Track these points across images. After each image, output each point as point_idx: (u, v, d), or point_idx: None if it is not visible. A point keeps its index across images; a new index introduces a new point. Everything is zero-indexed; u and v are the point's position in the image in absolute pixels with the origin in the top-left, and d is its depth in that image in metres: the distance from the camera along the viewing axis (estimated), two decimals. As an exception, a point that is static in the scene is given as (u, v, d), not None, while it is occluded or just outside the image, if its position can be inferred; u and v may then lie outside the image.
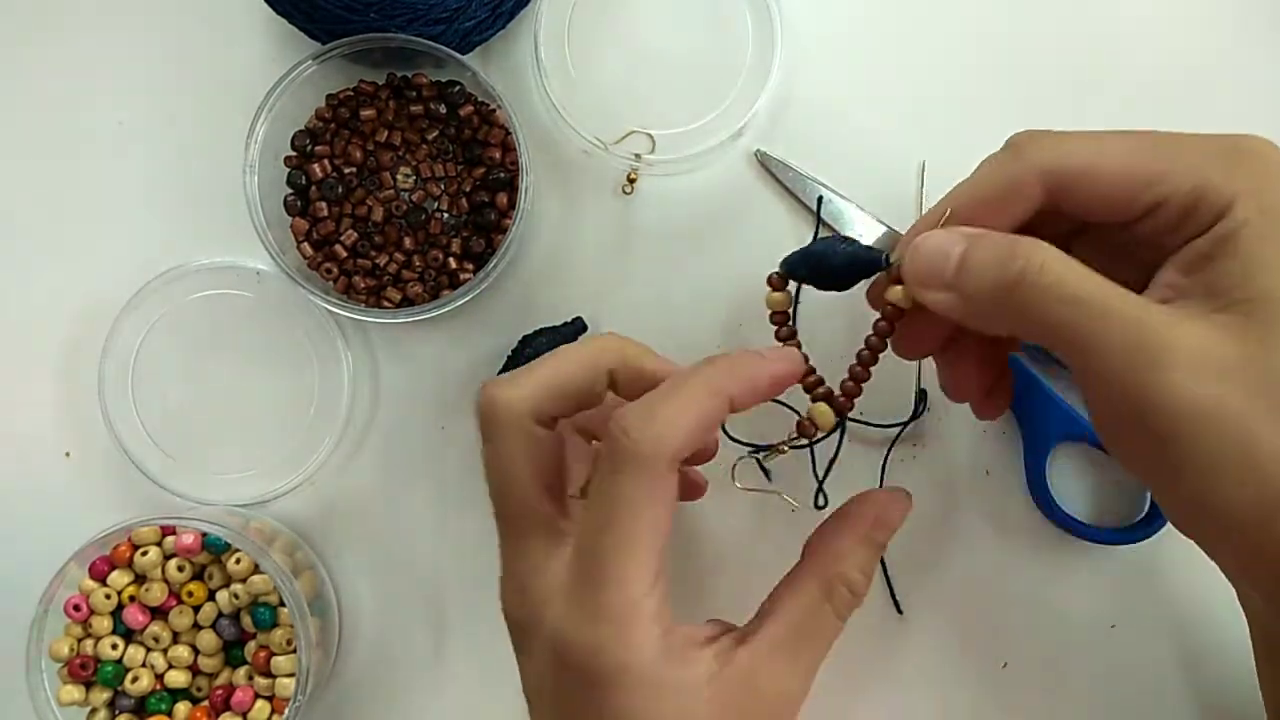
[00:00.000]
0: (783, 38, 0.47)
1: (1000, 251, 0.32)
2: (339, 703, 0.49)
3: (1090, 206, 0.33)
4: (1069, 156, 0.33)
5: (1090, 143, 0.33)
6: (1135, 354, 0.30)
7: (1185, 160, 0.32)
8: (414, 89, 0.48)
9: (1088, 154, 0.33)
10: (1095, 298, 0.31)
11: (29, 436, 0.50)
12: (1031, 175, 0.33)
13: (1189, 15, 0.49)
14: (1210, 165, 0.31)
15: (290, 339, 0.49)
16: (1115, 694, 0.47)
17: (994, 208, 0.34)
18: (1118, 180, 0.32)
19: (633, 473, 0.33)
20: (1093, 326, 0.30)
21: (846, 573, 0.37)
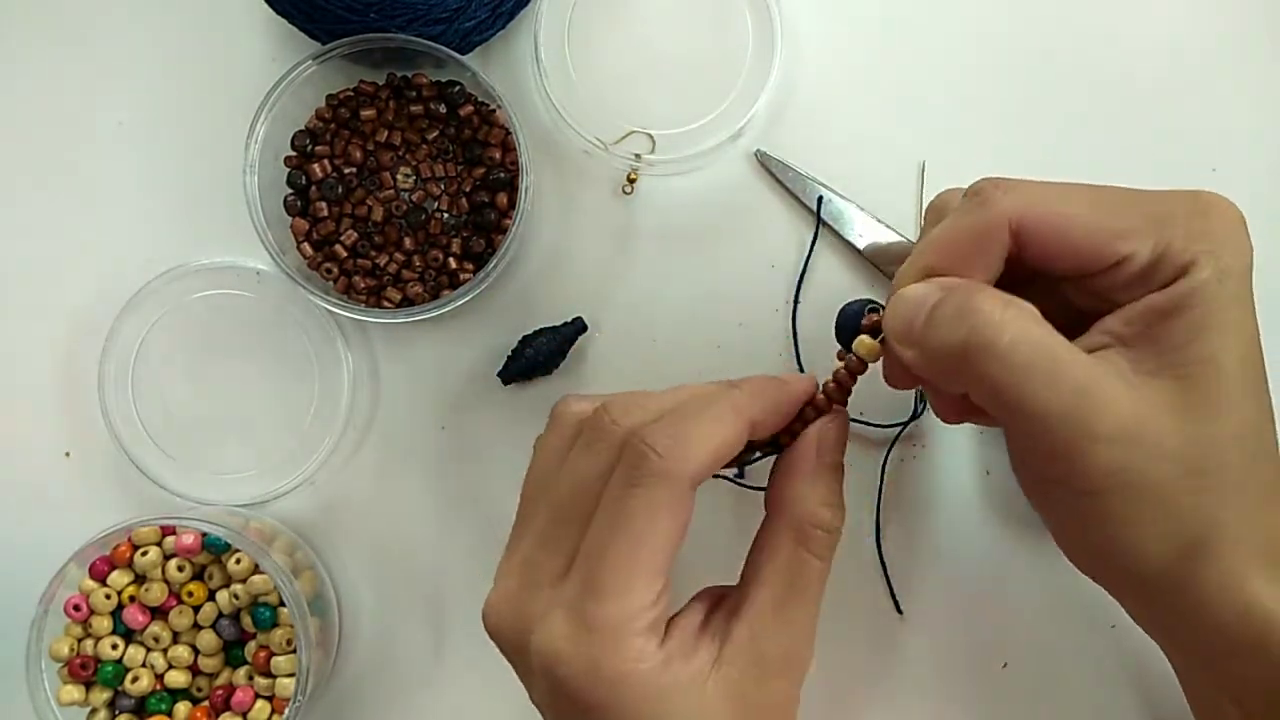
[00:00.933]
0: (783, 38, 0.47)
1: (959, 306, 0.32)
2: (339, 703, 0.49)
3: (1055, 257, 0.33)
4: (1037, 205, 0.33)
5: (1057, 192, 0.33)
6: (1072, 422, 0.31)
7: (1150, 217, 0.32)
8: (414, 89, 0.48)
9: (1055, 203, 0.33)
10: (1045, 366, 0.31)
11: (29, 436, 0.50)
12: (1000, 223, 0.33)
13: (1188, 16, 0.49)
14: (1173, 224, 0.32)
15: (290, 339, 0.49)
16: (1115, 694, 0.47)
17: (967, 257, 0.34)
18: (1086, 233, 0.32)
19: (656, 488, 0.33)
20: (1035, 394, 0.31)
21: (812, 512, 0.36)
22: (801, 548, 0.36)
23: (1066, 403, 0.31)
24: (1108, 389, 0.31)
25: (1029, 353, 0.31)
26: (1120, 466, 0.31)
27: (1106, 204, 0.33)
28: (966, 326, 0.32)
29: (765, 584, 0.36)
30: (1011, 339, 0.31)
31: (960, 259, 0.34)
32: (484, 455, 0.49)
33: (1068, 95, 0.49)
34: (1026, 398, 0.31)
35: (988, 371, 0.31)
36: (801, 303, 0.48)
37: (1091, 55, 0.49)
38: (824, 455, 0.37)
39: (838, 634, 0.48)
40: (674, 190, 0.49)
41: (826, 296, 0.49)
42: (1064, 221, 0.32)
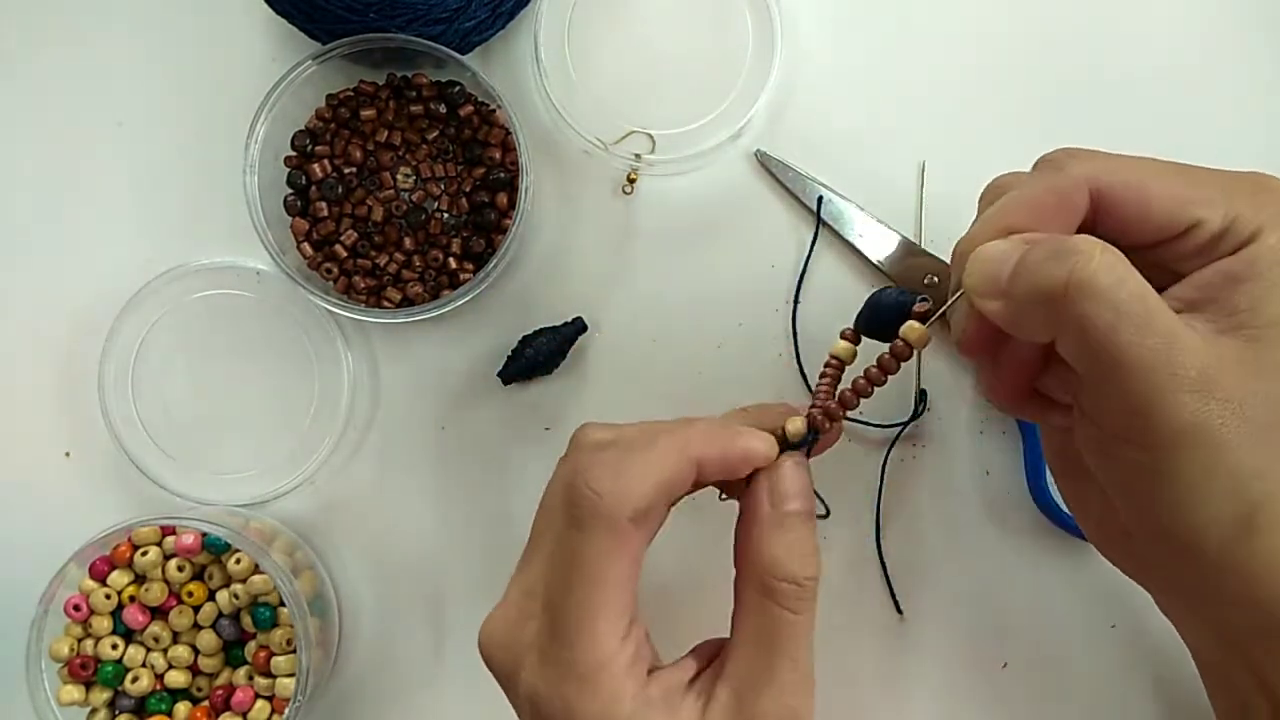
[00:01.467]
0: (783, 38, 0.47)
1: (1056, 248, 0.32)
2: (339, 703, 0.49)
3: (1131, 221, 0.34)
4: (1114, 173, 0.34)
5: (1129, 162, 0.34)
6: (1156, 372, 0.30)
7: (1218, 186, 0.33)
8: (414, 89, 0.48)
9: (1130, 171, 0.34)
10: (1138, 310, 0.30)
11: (29, 436, 0.50)
12: (1080, 186, 0.34)
13: (1188, 15, 0.49)
14: (1239, 195, 0.33)
15: (290, 339, 0.49)
16: (1115, 694, 0.47)
17: (1048, 217, 0.34)
18: (1162, 198, 0.33)
19: (595, 529, 0.33)
20: (1128, 339, 0.30)
21: (772, 564, 0.34)
22: (771, 603, 0.34)
23: (1156, 349, 0.30)
24: (1190, 340, 0.31)
25: (1126, 296, 0.30)
26: (1198, 420, 0.30)
27: (1177, 173, 0.34)
28: (1067, 266, 0.31)
29: (741, 644, 0.35)
30: (1113, 279, 0.31)
31: (1041, 219, 0.34)
32: (484, 455, 0.49)
33: (1068, 95, 0.49)
34: (1119, 342, 0.30)
35: (1085, 311, 0.31)
36: (801, 303, 0.48)
37: (1092, 55, 0.49)
38: (779, 503, 0.35)
39: (838, 634, 0.48)
40: (674, 190, 0.49)
41: (826, 296, 0.49)
42: (1140, 186, 0.33)
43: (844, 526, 0.48)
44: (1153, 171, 0.34)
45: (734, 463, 0.35)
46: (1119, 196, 0.33)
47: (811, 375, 0.48)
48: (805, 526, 0.35)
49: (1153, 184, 0.33)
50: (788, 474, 0.35)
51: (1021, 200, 0.34)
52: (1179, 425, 0.30)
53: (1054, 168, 0.34)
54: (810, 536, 0.35)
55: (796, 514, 0.35)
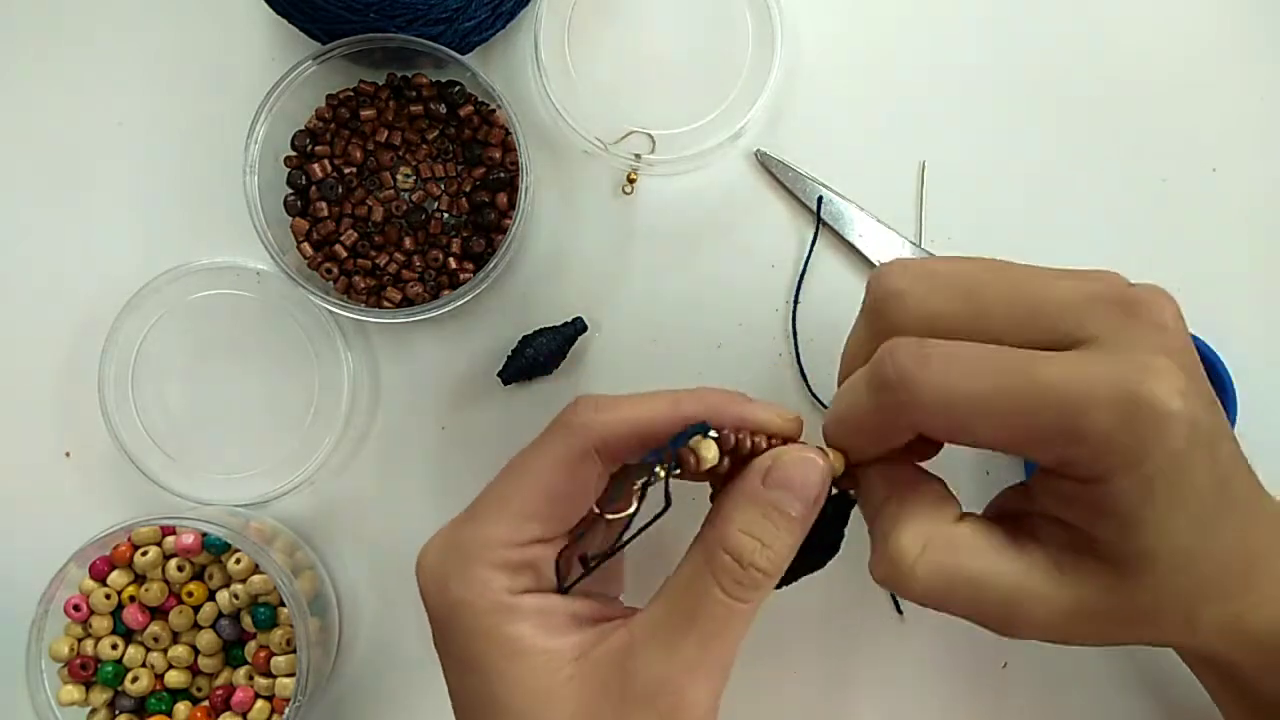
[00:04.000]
0: (783, 38, 0.47)
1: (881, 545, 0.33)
2: (339, 703, 0.49)
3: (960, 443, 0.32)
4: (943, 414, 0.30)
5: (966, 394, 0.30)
6: (1000, 624, 0.32)
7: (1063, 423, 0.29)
8: (414, 89, 0.48)
9: (963, 412, 0.30)
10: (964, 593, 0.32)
11: (29, 436, 0.50)
12: (903, 427, 0.32)
13: (1189, 16, 0.49)
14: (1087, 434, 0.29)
15: (290, 339, 0.49)
16: (1115, 694, 0.47)
17: (871, 444, 0.34)
18: (992, 440, 0.31)
19: (554, 436, 0.34)
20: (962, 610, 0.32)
21: (727, 534, 0.32)
22: (708, 571, 0.32)
23: (988, 613, 0.32)
24: (1038, 589, 0.31)
25: (942, 588, 0.32)
26: (1051, 637, 0.32)
27: (1017, 407, 0.29)
28: (883, 571, 0.33)
29: (663, 597, 0.33)
30: (923, 586, 0.32)
31: (870, 445, 0.34)
32: (484, 455, 0.49)
33: (1067, 95, 0.49)
34: (952, 612, 0.32)
35: (912, 600, 0.32)
36: (801, 303, 0.48)
37: (1091, 55, 0.49)
38: (768, 492, 0.32)
39: (838, 634, 0.48)
40: (674, 190, 0.49)
41: (826, 296, 0.49)
42: (966, 429, 0.31)
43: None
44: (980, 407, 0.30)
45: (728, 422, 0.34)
46: (947, 434, 0.32)
47: (811, 375, 0.48)
48: (785, 523, 0.32)
49: (977, 426, 0.30)
50: (793, 461, 0.33)
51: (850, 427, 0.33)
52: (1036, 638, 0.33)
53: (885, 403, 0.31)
54: (785, 536, 0.33)
55: (782, 507, 0.32)
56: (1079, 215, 0.49)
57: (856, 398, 0.32)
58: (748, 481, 0.33)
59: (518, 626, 0.32)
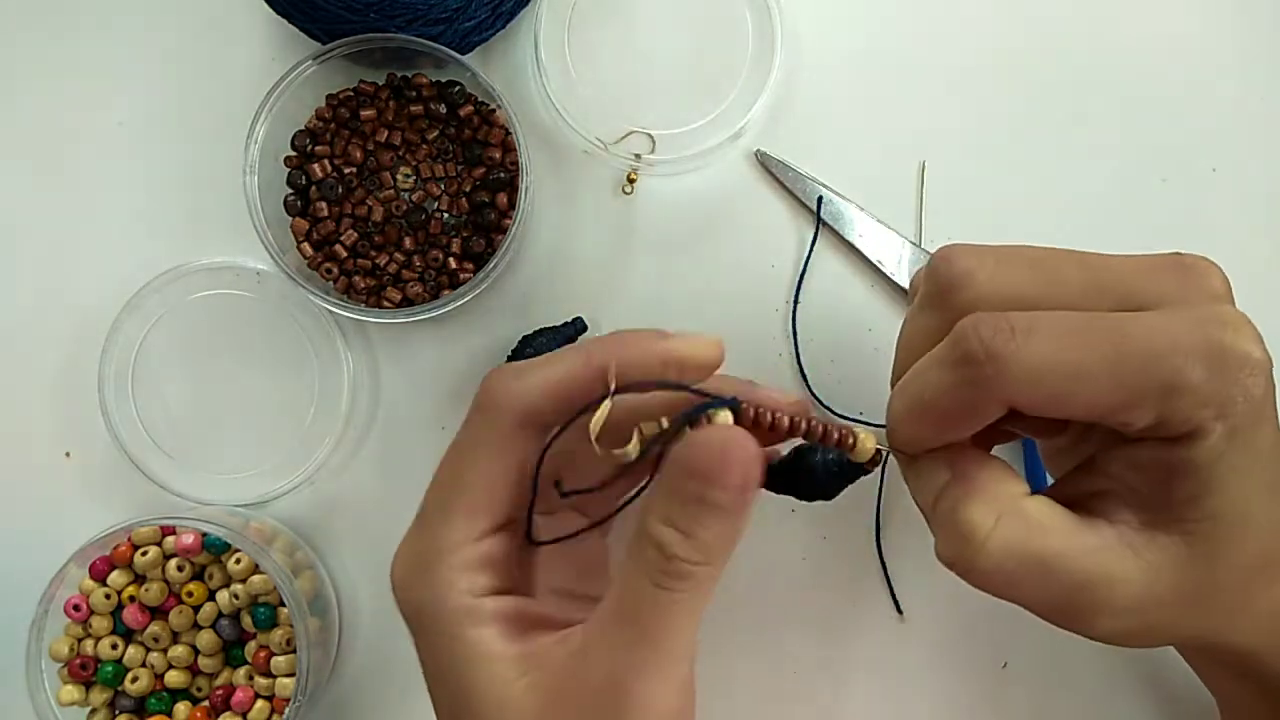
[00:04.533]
0: (783, 38, 0.47)
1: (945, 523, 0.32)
2: (339, 703, 0.49)
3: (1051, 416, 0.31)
4: (1037, 386, 0.29)
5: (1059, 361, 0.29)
6: (1070, 611, 0.32)
7: (1158, 385, 0.29)
8: (414, 89, 0.48)
9: (1058, 380, 0.29)
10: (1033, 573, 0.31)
11: (29, 436, 0.50)
12: (994, 404, 0.30)
13: (1189, 15, 0.49)
14: (1182, 391, 0.29)
15: (290, 339, 0.49)
16: (1115, 694, 0.47)
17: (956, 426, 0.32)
18: (1087, 408, 0.30)
19: (477, 422, 0.33)
20: (1031, 595, 0.31)
21: (648, 525, 0.30)
22: (638, 565, 0.31)
23: (1061, 600, 0.31)
24: (1111, 571, 0.31)
25: (1015, 569, 0.31)
26: (1123, 628, 0.32)
27: (1112, 366, 0.29)
28: (953, 545, 0.31)
29: (608, 594, 0.32)
30: (994, 562, 0.31)
31: (953, 429, 0.32)
32: (484, 455, 0.49)
33: (1068, 95, 0.49)
34: (1018, 599, 0.32)
35: (974, 581, 0.32)
36: (801, 303, 0.48)
37: (1091, 55, 0.49)
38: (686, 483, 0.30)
39: (838, 634, 0.48)
40: (674, 190, 0.49)
41: (826, 296, 0.49)
42: (1062, 398, 0.30)
43: (844, 526, 0.48)
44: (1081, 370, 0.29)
45: (654, 369, 0.32)
46: (1037, 408, 0.30)
47: (811, 375, 0.48)
48: (706, 511, 0.30)
49: (1077, 395, 0.29)
50: (706, 444, 0.30)
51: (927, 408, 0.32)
52: (1107, 634, 0.32)
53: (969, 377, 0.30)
54: (710, 520, 0.30)
55: (699, 497, 0.30)
56: (1079, 215, 0.49)
57: (933, 379, 0.31)
58: (669, 467, 0.31)
59: (479, 630, 0.32)
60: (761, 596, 0.48)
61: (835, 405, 0.48)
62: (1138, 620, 0.31)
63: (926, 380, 0.31)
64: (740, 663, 0.48)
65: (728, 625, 0.48)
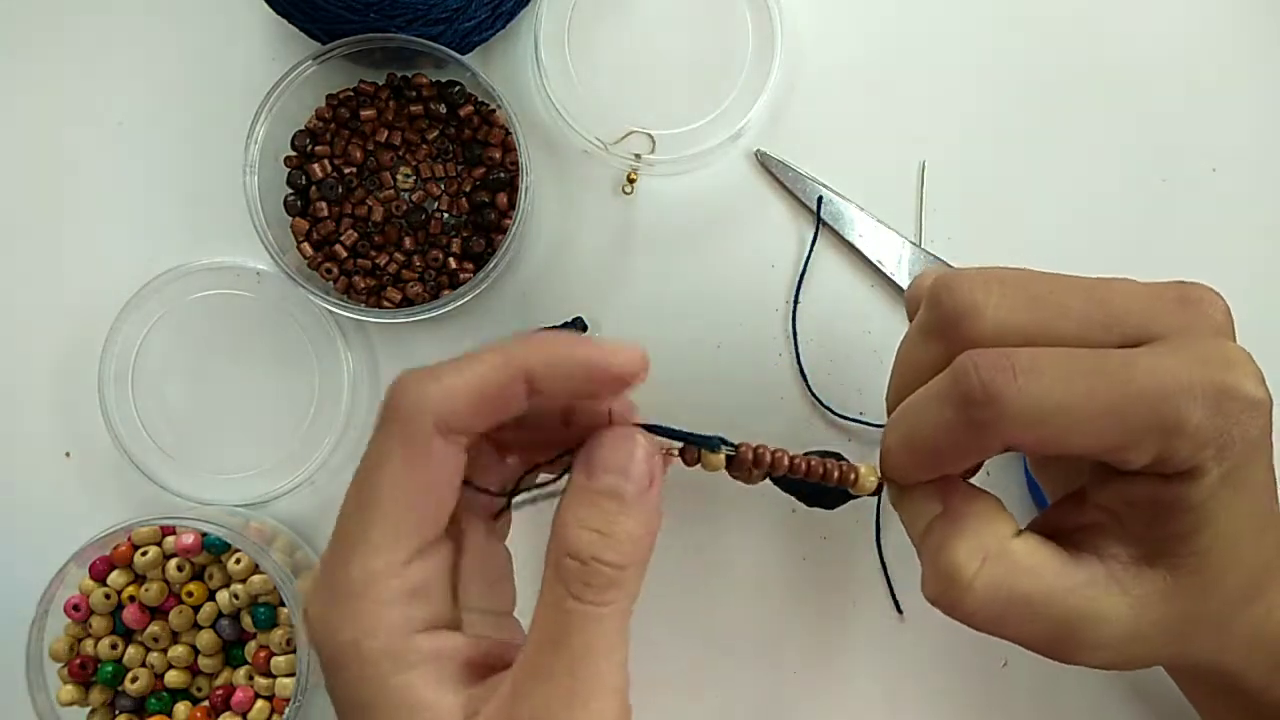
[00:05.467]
0: (783, 38, 0.47)
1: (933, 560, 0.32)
2: (339, 703, 0.49)
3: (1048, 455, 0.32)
4: (1037, 427, 0.29)
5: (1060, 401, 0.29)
6: (1056, 646, 0.32)
7: (1159, 424, 0.29)
8: (414, 89, 0.48)
9: (1058, 422, 0.29)
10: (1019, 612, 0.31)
11: (29, 436, 0.50)
12: (993, 444, 0.30)
13: (1188, 16, 0.49)
14: (1184, 432, 0.28)
15: (290, 339, 0.49)
16: (1115, 694, 0.47)
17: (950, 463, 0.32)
18: (1087, 447, 0.30)
19: (389, 434, 0.30)
20: (1016, 632, 0.31)
21: (564, 535, 0.29)
22: (558, 583, 0.29)
23: (1047, 637, 0.31)
24: (1099, 609, 0.31)
25: (1001, 609, 0.31)
26: (1108, 661, 0.32)
27: (1113, 406, 0.29)
28: (938, 585, 0.31)
29: (531, 629, 0.29)
30: (979, 602, 0.31)
31: (944, 465, 0.32)
32: (484, 455, 0.49)
33: (1068, 95, 0.49)
34: (1004, 635, 0.31)
35: (962, 621, 0.31)
36: (801, 303, 0.48)
37: (1091, 55, 0.49)
38: (595, 476, 0.30)
39: (838, 634, 0.48)
40: (674, 190, 0.49)
41: (826, 296, 0.49)
42: (1061, 439, 0.29)
43: (844, 526, 0.48)
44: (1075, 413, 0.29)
45: (575, 377, 0.30)
46: (1037, 448, 0.31)
47: (811, 375, 0.48)
48: (618, 506, 0.29)
49: (1077, 438, 0.29)
50: (609, 442, 0.30)
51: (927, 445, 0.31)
52: (1093, 665, 0.32)
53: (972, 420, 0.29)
54: (624, 518, 0.29)
55: (610, 491, 0.29)
56: (1079, 215, 0.49)
57: (931, 416, 0.31)
58: (573, 475, 0.30)
59: (407, 676, 0.29)
60: (761, 596, 0.48)
61: (835, 405, 0.48)
62: (1121, 655, 0.32)
63: (923, 416, 0.31)
64: (740, 663, 0.48)
65: (728, 625, 0.48)
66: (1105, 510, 0.32)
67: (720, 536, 0.48)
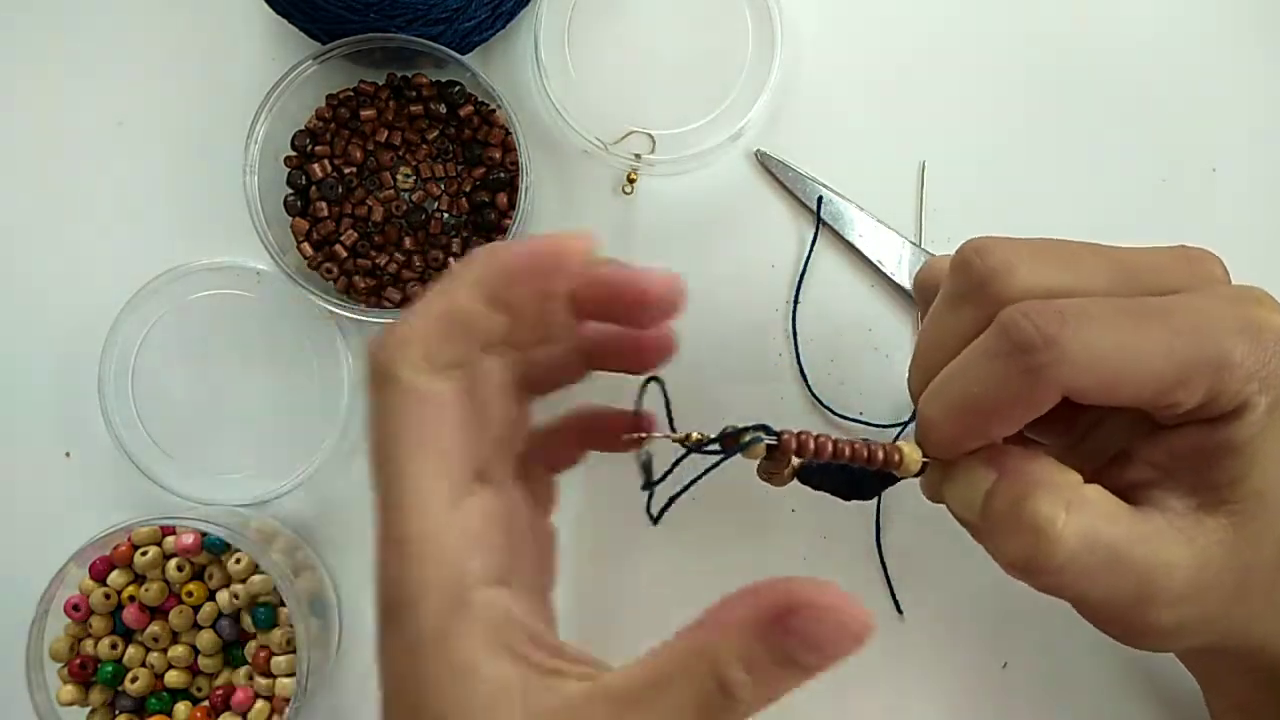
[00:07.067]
0: (783, 38, 0.47)
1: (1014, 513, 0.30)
2: (339, 703, 0.49)
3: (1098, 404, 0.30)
4: (1094, 369, 0.29)
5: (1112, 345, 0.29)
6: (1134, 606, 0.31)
7: (1207, 362, 0.29)
8: (414, 89, 0.48)
9: (1114, 363, 0.29)
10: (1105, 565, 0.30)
11: (29, 436, 0.50)
12: (1053, 392, 0.29)
13: (1188, 15, 0.49)
14: (1230, 368, 0.29)
15: (290, 339, 0.49)
16: (1115, 694, 0.47)
17: (1007, 422, 0.31)
18: (1138, 389, 0.29)
19: (387, 389, 0.28)
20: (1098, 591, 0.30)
21: (724, 665, 0.27)
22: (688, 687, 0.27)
23: (1128, 592, 0.30)
24: (1168, 557, 0.30)
25: (1088, 560, 0.30)
26: (1179, 621, 0.31)
27: (1163, 347, 0.29)
28: (1024, 542, 0.30)
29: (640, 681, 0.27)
30: (1070, 553, 0.29)
31: (1004, 425, 0.31)
32: (484, 455, 0.49)
33: (1068, 95, 0.49)
34: (1088, 594, 0.31)
35: (1047, 581, 0.30)
36: (801, 303, 0.48)
37: (1091, 55, 0.49)
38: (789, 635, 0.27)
39: (838, 634, 0.48)
40: (674, 190, 0.49)
41: (826, 296, 0.49)
42: (1120, 380, 0.29)
43: (844, 526, 0.48)
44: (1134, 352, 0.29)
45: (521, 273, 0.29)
46: (1090, 394, 0.30)
47: (811, 375, 0.48)
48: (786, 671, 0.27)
49: (1130, 378, 0.29)
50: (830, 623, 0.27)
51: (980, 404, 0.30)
52: (1162, 628, 0.31)
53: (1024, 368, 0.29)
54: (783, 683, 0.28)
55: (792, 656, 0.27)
56: (1079, 215, 0.49)
57: (980, 375, 0.30)
58: (766, 612, 0.27)
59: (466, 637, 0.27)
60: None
61: (835, 405, 0.48)
62: (1193, 610, 0.31)
63: (973, 376, 0.30)
64: (740, 663, 0.48)
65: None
66: (1155, 466, 0.32)
67: (720, 537, 0.48)
